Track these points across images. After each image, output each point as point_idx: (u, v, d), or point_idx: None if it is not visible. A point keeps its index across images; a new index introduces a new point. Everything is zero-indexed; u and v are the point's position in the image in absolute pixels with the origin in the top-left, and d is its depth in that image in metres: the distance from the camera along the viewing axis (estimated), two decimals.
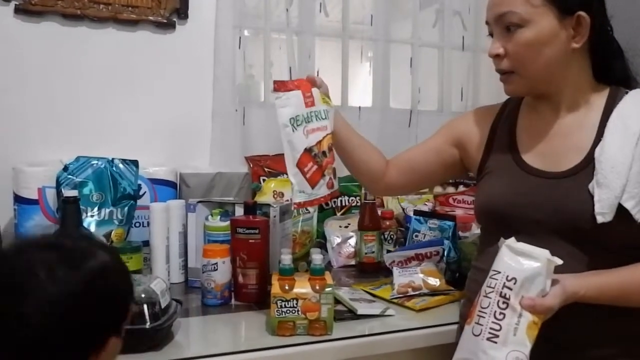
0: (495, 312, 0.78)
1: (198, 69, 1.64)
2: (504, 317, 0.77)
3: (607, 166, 0.85)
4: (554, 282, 0.80)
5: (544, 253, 0.79)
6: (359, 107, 1.85)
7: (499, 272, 0.80)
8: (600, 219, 0.84)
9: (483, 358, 0.77)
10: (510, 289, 0.78)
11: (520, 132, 1.00)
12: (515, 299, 0.77)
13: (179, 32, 1.61)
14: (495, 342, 0.77)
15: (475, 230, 1.50)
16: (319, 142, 1.02)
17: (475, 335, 0.79)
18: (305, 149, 1.01)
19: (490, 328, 0.78)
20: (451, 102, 1.97)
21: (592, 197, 0.85)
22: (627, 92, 0.93)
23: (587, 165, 0.89)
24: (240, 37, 1.67)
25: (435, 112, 1.96)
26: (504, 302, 0.78)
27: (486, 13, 0.95)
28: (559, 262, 0.79)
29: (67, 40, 1.51)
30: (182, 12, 1.61)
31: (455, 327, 1.09)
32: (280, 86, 1.03)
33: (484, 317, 0.79)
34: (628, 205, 0.84)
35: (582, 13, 0.88)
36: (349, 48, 1.86)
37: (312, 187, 1.01)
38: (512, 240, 0.82)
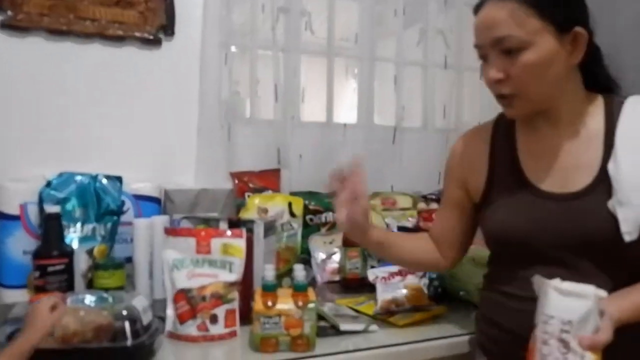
0: (558, 358, 0.77)
1: (184, 85, 1.65)
2: None
3: (626, 185, 0.84)
4: (600, 314, 0.79)
5: (591, 290, 0.78)
6: (344, 124, 1.87)
7: (553, 317, 0.79)
8: (627, 238, 0.83)
9: None
10: (568, 332, 0.77)
11: (522, 154, 0.97)
12: (574, 341, 0.77)
13: (165, 48, 1.63)
14: None
15: None
16: (203, 287, 1.08)
17: None
18: (183, 289, 1.08)
19: None
20: (435, 120, 2.00)
21: (612, 215, 0.84)
22: (622, 102, 0.92)
23: (601, 182, 0.87)
24: (226, 54, 1.69)
25: (419, 129, 1.99)
26: (564, 347, 0.77)
27: (476, 36, 0.91)
28: (605, 294, 0.78)
29: (53, 56, 1.51)
30: (168, 28, 1.62)
31: (439, 342, 1.12)
32: (170, 232, 1.16)
33: None
34: None
35: (578, 29, 0.87)
36: (335, 65, 1.88)
37: (180, 324, 1.08)
38: (557, 282, 0.80)
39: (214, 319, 1.08)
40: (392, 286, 1.25)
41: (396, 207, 1.70)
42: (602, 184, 0.87)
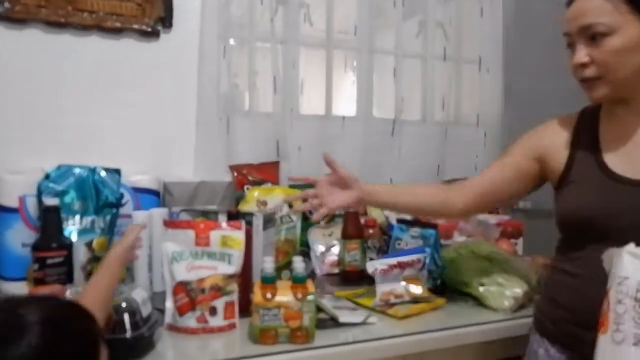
0: (634, 317, 0.80)
1: (182, 78, 1.64)
2: None
3: None
4: None
5: None
6: (343, 117, 1.86)
7: (628, 278, 0.82)
8: None
9: None
10: None
11: (603, 139, 1.01)
12: None
13: (164, 40, 1.62)
14: None
15: (457, 238, 1.52)
16: (202, 279, 1.09)
17: (618, 343, 0.80)
18: (182, 281, 1.09)
19: (634, 334, 0.80)
20: (434, 112, 2.00)
21: None
22: None
23: None
24: (224, 47, 1.68)
25: (418, 121, 1.98)
26: None
27: (566, 25, 0.96)
28: None
29: (51, 48, 1.50)
30: (166, 21, 1.61)
31: (438, 334, 1.13)
32: (169, 224, 1.16)
33: (623, 324, 0.81)
34: None
35: None
36: (333, 58, 1.88)
37: (180, 316, 1.08)
38: (632, 247, 0.84)
39: (213, 311, 1.09)
40: (391, 278, 1.25)
41: None
42: None
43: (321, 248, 1.53)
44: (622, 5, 0.90)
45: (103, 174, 1.37)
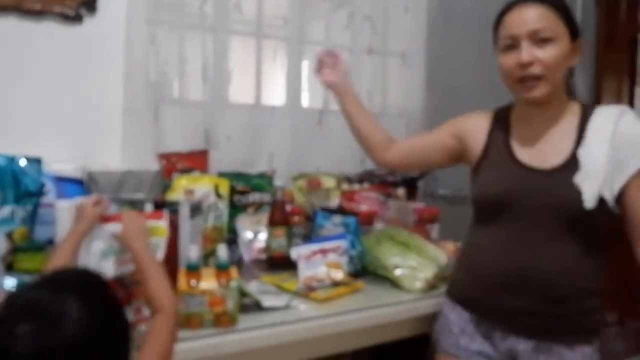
0: None
1: (108, 64, 1.61)
2: None
3: (592, 165, 1.06)
4: None
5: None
6: (273, 107, 1.90)
7: None
8: (588, 205, 1.04)
9: None
10: None
11: (514, 138, 1.19)
12: None
13: (87, 25, 1.58)
14: None
15: (377, 225, 1.61)
16: (132, 272, 1.09)
17: None
18: (114, 277, 1.09)
19: None
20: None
21: (576, 189, 1.06)
22: (593, 108, 1.14)
23: (571, 164, 1.09)
24: (153, 33, 1.66)
25: None
26: None
27: (512, 29, 1.11)
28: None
29: None
30: (90, 4, 1.58)
31: (357, 314, 1.23)
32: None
33: None
34: (606, 195, 1.05)
35: (579, 40, 1.12)
36: (263, 47, 1.90)
37: None
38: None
39: None
40: (314, 264, 1.32)
41: (321, 188, 1.76)
42: (572, 166, 1.09)
43: (249, 235, 1.57)
44: (561, 21, 1.09)
45: (23, 162, 1.34)
